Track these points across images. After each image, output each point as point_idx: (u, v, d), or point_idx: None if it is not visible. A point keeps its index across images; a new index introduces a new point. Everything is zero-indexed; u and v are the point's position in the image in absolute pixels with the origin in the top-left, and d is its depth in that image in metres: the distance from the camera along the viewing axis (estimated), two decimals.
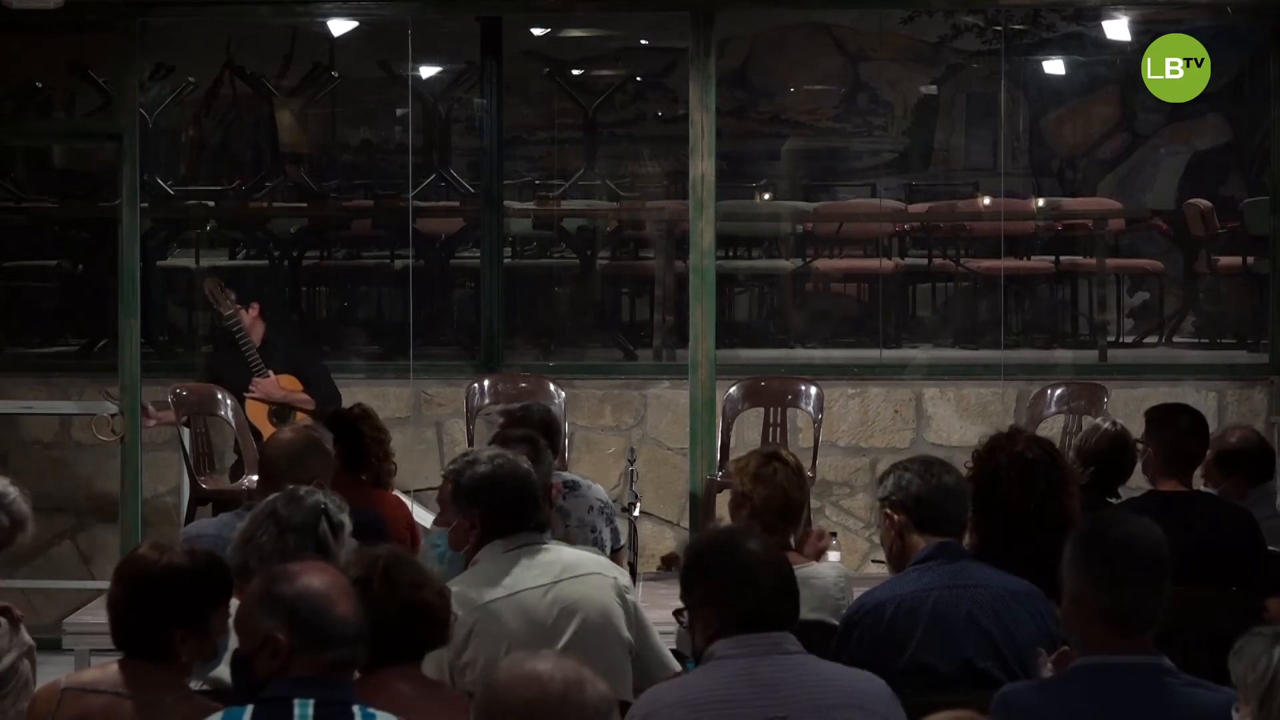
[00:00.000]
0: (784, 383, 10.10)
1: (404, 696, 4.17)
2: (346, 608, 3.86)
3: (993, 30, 13.04)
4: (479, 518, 5.24)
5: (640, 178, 13.91)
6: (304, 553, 4.80)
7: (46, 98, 13.33)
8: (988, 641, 4.79)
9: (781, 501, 5.66)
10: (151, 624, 4.25)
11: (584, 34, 13.88)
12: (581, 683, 3.20)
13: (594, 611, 5.15)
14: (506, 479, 5.24)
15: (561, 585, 5.16)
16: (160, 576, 4.27)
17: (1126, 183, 14.02)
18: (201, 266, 12.65)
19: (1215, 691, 4.00)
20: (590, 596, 5.17)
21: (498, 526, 5.23)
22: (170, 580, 4.27)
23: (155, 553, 4.35)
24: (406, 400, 10.75)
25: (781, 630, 4.13)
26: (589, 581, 5.19)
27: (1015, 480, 5.35)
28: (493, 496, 5.23)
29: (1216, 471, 6.76)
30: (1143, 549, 4.07)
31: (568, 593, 5.15)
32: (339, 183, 13.87)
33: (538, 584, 5.14)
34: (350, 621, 3.85)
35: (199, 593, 4.29)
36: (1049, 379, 10.38)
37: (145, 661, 4.24)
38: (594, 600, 5.16)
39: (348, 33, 11.61)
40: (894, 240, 13.28)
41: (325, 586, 3.88)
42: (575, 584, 5.17)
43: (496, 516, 5.23)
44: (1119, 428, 6.67)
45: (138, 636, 4.26)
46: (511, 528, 5.22)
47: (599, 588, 5.19)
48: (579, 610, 5.13)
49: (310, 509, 4.90)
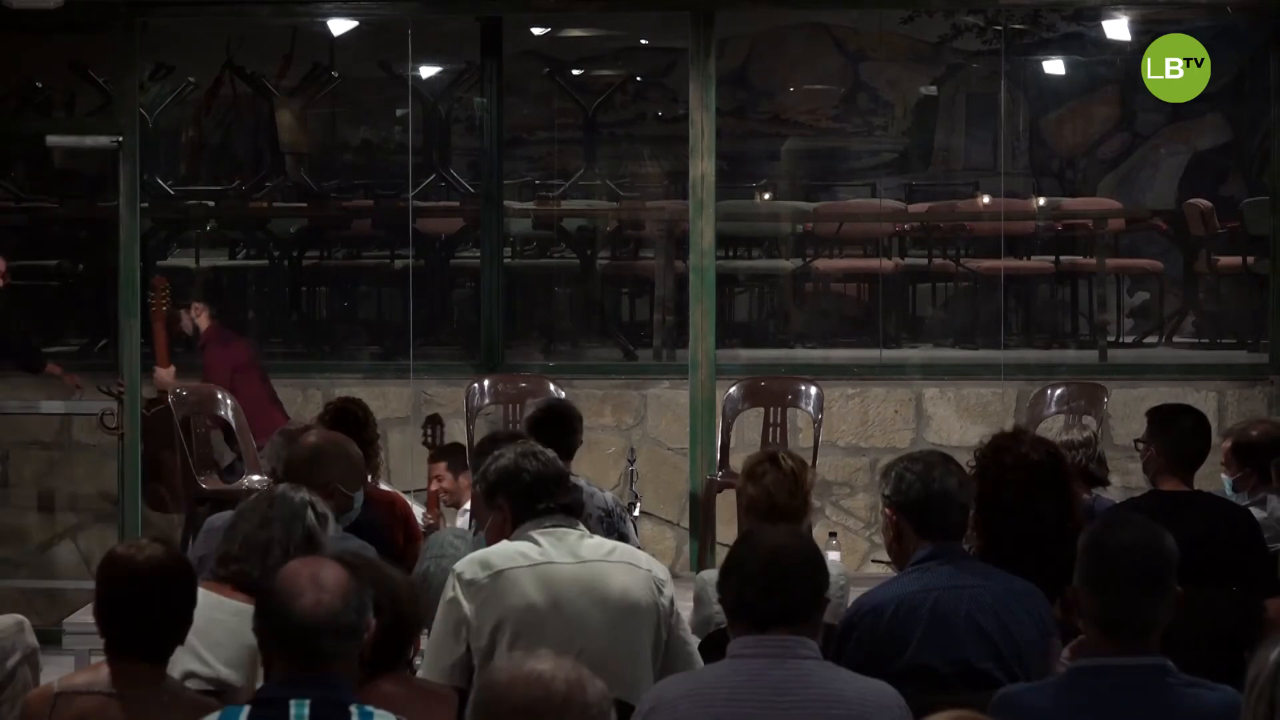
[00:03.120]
0: (784, 383, 10.10)
1: (395, 699, 4.18)
2: (313, 600, 3.79)
3: (993, 30, 13.04)
4: (508, 507, 5.27)
5: (640, 178, 13.91)
6: (291, 541, 4.86)
7: (46, 98, 13.34)
8: (987, 642, 4.79)
9: (766, 505, 5.65)
10: (153, 620, 4.25)
11: (584, 34, 13.88)
12: (582, 682, 3.20)
13: (622, 600, 5.14)
14: (527, 463, 5.26)
15: (593, 566, 5.16)
16: (169, 568, 4.28)
17: (1126, 183, 14.03)
18: (201, 266, 12.67)
19: (1215, 690, 4.00)
20: (622, 584, 5.16)
21: (526, 511, 5.24)
22: (174, 574, 4.28)
23: (134, 550, 4.36)
24: (406, 400, 10.75)
25: (786, 625, 4.09)
26: (623, 570, 5.20)
27: (1019, 481, 5.35)
28: (515, 482, 5.25)
29: (1233, 460, 6.85)
30: (1140, 557, 4.03)
31: (598, 574, 5.15)
32: (339, 183, 13.88)
33: (565, 560, 5.15)
34: (318, 614, 3.78)
35: (187, 584, 4.30)
36: (1049, 379, 10.38)
37: (136, 661, 4.25)
38: (625, 589, 5.15)
39: (348, 33, 11.60)
40: (894, 240, 13.28)
41: (294, 579, 3.83)
42: (608, 569, 5.17)
43: (523, 501, 5.25)
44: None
45: (136, 635, 4.26)
46: (540, 510, 5.23)
47: (634, 578, 5.19)
48: (607, 595, 5.12)
49: (299, 503, 4.99)
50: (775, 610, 4.09)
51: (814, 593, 4.15)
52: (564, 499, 5.29)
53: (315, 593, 3.79)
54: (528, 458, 5.28)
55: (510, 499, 5.26)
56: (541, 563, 5.13)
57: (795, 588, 4.11)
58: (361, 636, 3.86)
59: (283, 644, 3.81)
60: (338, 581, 3.84)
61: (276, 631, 3.82)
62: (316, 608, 3.78)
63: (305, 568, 3.88)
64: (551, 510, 5.23)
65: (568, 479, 5.39)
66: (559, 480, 5.30)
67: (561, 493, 5.29)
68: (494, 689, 3.21)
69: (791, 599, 4.10)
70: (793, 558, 4.12)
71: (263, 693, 3.84)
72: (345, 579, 3.86)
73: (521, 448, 5.35)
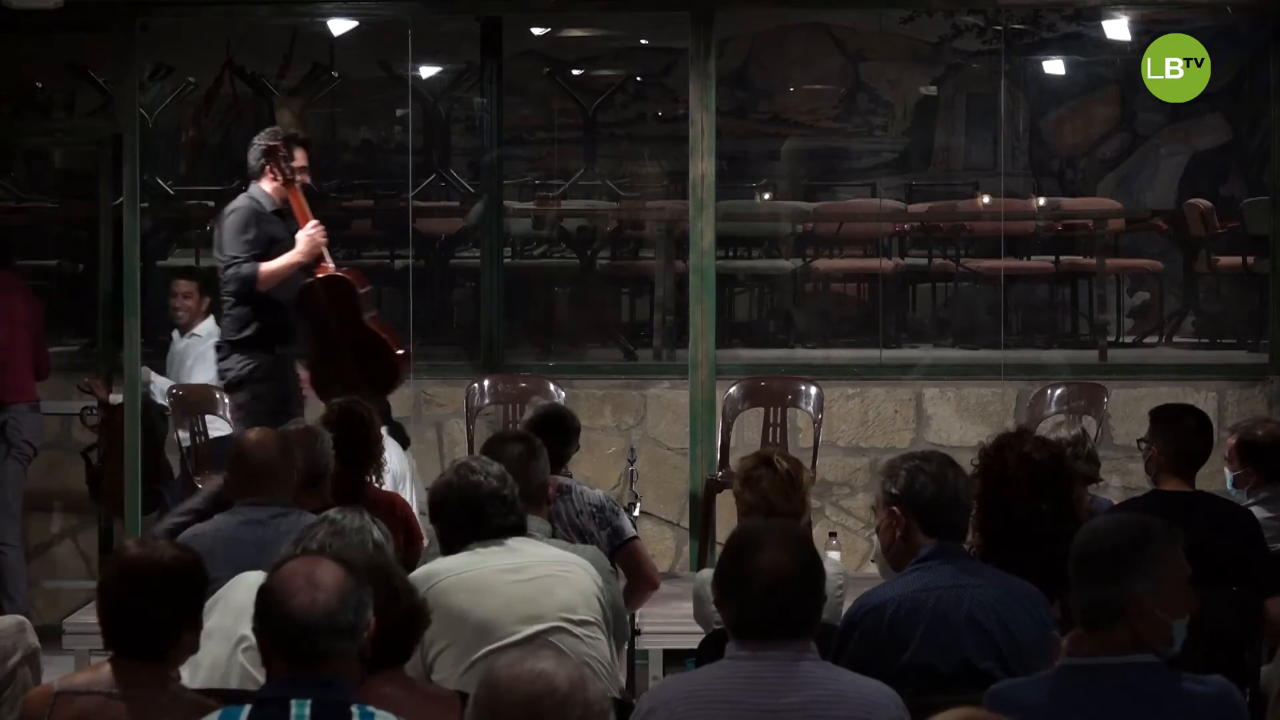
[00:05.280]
0: (784, 383, 10.10)
1: (393, 699, 4.16)
2: (308, 599, 3.77)
3: (993, 30, 13.04)
4: (440, 532, 5.38)
5: (640, 178, 13.91)
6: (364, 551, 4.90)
7: (47, 98, 13.34)
8: (988, 641, 4.79)
9: (764, 509, 5.65)
10: (167, 620, 4.25)
11: (584, 34, 13.88)
12: (584, 680, 3.21)
13: (574, 600, 5.21)
14: (454, 494, 5.32)
15: (533, 569, 5.22)
16: (173, 571, 4.27)
17: (1126, 183, 14.02)
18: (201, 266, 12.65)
19: (1204, 684, 4.01)
20: (569, 583, 5.22)
21: (451, 541, 5.31)
22: (178, 574, 4.28)
23: (147, 549, 4.35)
24: (406, 400, 10.74)
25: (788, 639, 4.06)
26: (568, 571, 5.27)
27: (1021, 481, 5.35)
28: (442, 512, 5.34)
29: (1237, 458, 6.87)
30: (1097, 547, 4.06)
31: (539, 578, 5.21)
32: (339, 183, 13.87)
33: (498, 565, 5.19)
34: (313, 613, 3.77)
35: (200, 586, 4.30)
36: (1049, 379, 10.38)
37: (137, 660, 4.24)
38: (572, 588, 5.22)
39: (348, 33, 11.60)
40: (894, 240, 13.28)
41: (290, 578, 3.82)
42: (552, 570, 5.25)
43: (448, 531, 5.33)
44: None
45: (139, 635, 4.25)
46: (466, 539, 5.29)
47: (577, 577, 5.27)
48: (554, 596, 5.19)
49: (364, 521, 5.06)
50: (774, 627, 4.07)
51: (814, 608, 4.14)
52: (495, 527, 5.30)
53: (311, 591, 3.77)
54: (455, 488, 5.32)
55: (439, 530, 5.35)
56: (467, 572, 5.19)
57: (795, 608, 4.08)
58: (360, 635, 3.83)
59: (279, 643, 3.80)
60: (334, 580, 3.81)
61: (273, 631, 3.81)
62: (312, 606, 3.76)
63: (302, 566, 3.86)
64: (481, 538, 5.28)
65: (504, 506, 5.35)
66: (485, 513, 5.30)
67: (490, 524, 5.30)
68: (496, 686, 3.20)
69: (791, 617, 4.08)
70: (792, 579, 4.06)
71: (263, 692, 3.83)
72: (342, 578, 3.83)
73: (457, 472, 5.37)
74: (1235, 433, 7.10)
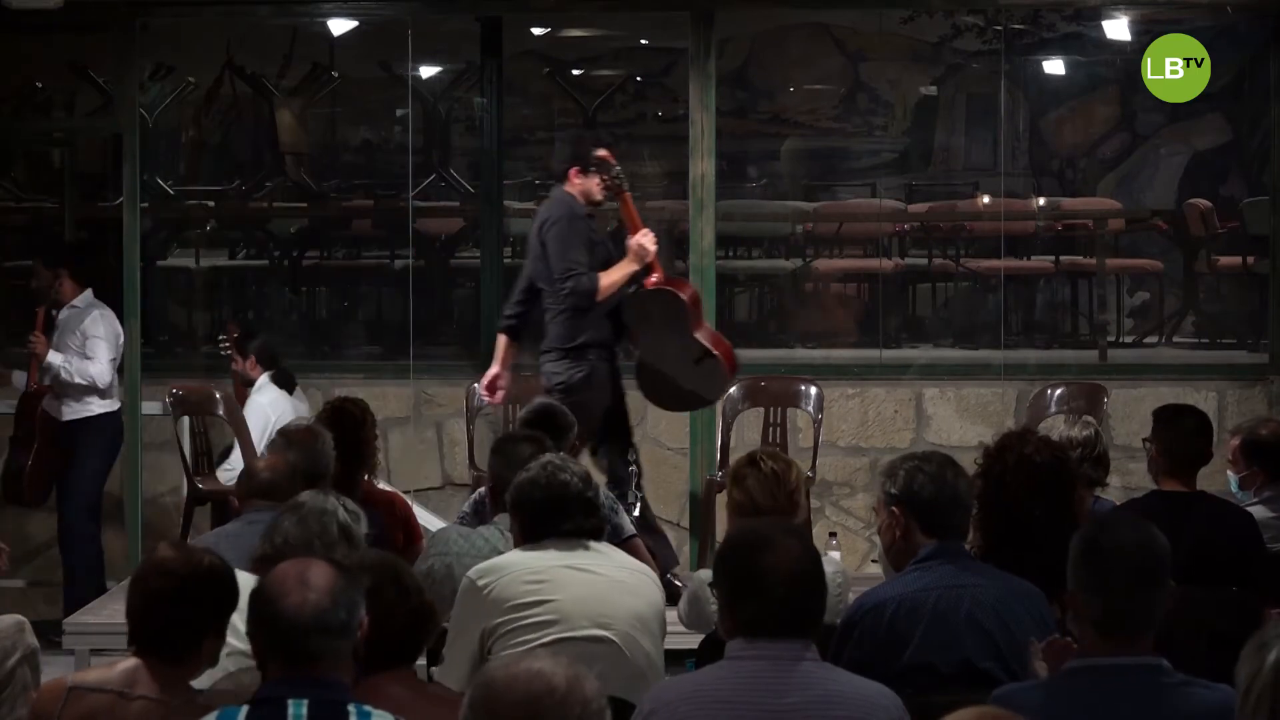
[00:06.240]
0: (784, 383, 10.10)
1: (399, 699, 4.16)
2: (299, 599, 3.79)
3: (993, 30, 13.03)
4: (520, 525, 5.38)
5: (640, 178, 13.90)
6: (328, 536, 4.94)
7: (47, 98, 13.34)
8: (988, 641, 4.79)
9: (750, 508, 5.65)
10: (191, 624, 4.26)
11: (584, 34, 13.87)
12: (580, 678, 3.20)
13: (644, 610, 5.26)
14: (539, 491, 5.34)
15: (607, 573, 5.25)
16: (206, 576, 4.29)
17: (1126, 183, 14.02)
18: (201, 266, 12.67)
19: (1211, 690, 4.00)
20: (639, 593, 5.28)
21: (530, 536, 5.34)
22: (215, 580, 4.30)
23: (185, 554, 4.37)
24: (406, 400, 10.74)
25: (798, 637, 4.08)
26: (638, 582, 5.32)
27: (1022, 481, 5.35)
28: (525, 507, 5.35)
29: (1241, 458, 6.87)
30: (1134, 558, 4.04)
31: (613, 582, 5.25)
32: (339, 183, 13.87)
33: (573, 563, 5.24)
34: (304, 613, 3.78)
35: (231, 594, 4.31)
36: (1049, 379, 10.38)
37: (161, 662, 4.25)
38: (642, 598, 5.27)
39: (348, 33, 11.60)
40: (894, 240, 13.28)
41: (281, 579, 3.84)
42: (623, 578, 5.28)
43: (529, 525, 5.33)
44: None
45: (161, 634, 4.26)
46: (545, 535, 5.31)
47: (647, 588, 5.32)
48: (625, 603, 5.23)
49: (329, 502, 5.10)
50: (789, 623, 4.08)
51: (823, 604, 4.15)
52: (572, 528, 5.33)
53: (302, 591, 3.79)
54: (537, 484, 5.34)
55: (519, 523, 5.37)
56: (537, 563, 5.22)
57: (812, 603, 4.11)
58: (353, 635, 3.85)
59: (271, 643, 3.81)
60: (325, 580, 3.83)
61: (266, 631, 3.82)
62: (303, 606, 3.78)
63: (293, 567, 3.88)
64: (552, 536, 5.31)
65: (577, 508, 5.37)
66: (564, 512, 5.33)
67: (568, 522, 5.33)
68: (493, 686, 3.19)
69: (806, 613, 4.10)
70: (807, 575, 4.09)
71: (260, 693, 3.84)
72: (333, 578, 3.84)
73: (536, 470, 5.40)
74: (1237, 434, 7.09)
